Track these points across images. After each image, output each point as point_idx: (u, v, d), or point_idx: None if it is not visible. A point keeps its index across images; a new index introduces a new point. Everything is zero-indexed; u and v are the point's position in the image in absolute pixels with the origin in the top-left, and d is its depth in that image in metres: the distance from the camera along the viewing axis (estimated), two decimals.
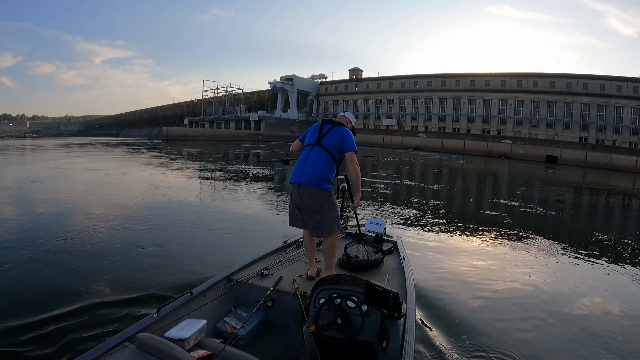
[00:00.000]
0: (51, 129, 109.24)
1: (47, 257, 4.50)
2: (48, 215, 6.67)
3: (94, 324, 3.00)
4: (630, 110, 47.06)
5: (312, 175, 2.71)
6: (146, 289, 3.65)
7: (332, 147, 2.77)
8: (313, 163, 2.75)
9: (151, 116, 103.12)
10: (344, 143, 2.78)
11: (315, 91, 72.95)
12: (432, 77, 60.21)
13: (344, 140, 2.78)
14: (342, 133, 2.80)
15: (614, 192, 18.34)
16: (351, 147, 2.78)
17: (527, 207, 10.50)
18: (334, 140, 2.79)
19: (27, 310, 3.18)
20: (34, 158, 20.94)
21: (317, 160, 2.75)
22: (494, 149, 50.81)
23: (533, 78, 52.54)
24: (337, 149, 2.79)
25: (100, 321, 3.05)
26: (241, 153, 30.66)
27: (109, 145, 34.66)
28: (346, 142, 2.78)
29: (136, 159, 20.73)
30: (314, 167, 2.73)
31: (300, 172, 2.77)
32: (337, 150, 2.79)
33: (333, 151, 2.78)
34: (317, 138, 2.84)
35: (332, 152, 2.77)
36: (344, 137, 2.79)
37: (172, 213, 7.27)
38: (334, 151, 2.78)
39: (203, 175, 14.62)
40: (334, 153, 2.78)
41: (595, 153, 45.22)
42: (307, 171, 2.74)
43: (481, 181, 18.18)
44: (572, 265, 5.32)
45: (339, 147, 2.79)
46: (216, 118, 72.33)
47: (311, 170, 2.73)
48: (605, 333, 3.28)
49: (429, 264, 4.79)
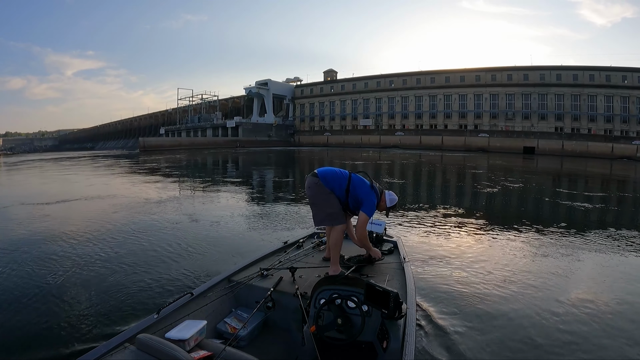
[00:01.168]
0: (25, 145, 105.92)
1: (48, 259, 4.65)
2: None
3: (94, 325, 3.07)
4: (603, 99, 47.00)
5: (324, 172, 2.99)
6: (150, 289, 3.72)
7: (353, 187, 2.95)
8: (334, 171, 3.02)
9: (126, 127, 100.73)
10: (364, 204, 2.93)
11: (290, 95, 71.91)
12: (407, 76, 59.69)
13: (365, 201, 2.93)
14: (367, 194, 2.94)
15: (602, 178, 18.45)
16: (366, 210, 2.92)
17: (520, 200, 10.40)
18: (358, 189, 2.95)
19: (27, 310, 3.32)
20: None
21: (340, 174, 2.99)
22: (471, 143, 50.60)
23: (507, 72, 52.40)
24: (356, 197, 2.95)
25: (101, 322, 3.11)
26: (228, 158, 30.95)
27: (93, 159, 32.73)
28: (366, 203, 2.93)
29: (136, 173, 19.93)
30: (330, 172, 3.00)
31: (322, 168, 3.04)
32: (354, 197, 2.95)
33: (352, 190, 2.94)
34: (354, 173, 3.05)
35: (351, 189, 2.94)
36: (366, 199, 2.93)
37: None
38: (352, 191, 2.94)
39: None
40: (352, 192, 2.95)
41: (571, 142, 45.13)
42: (325, 169, 3.03)
43: (471, 176, 17.55)
44: (581, 262, 4.98)
45: (357, 198, 2.95)
46: (192, 126, 70.72)
47: (326, 171, 3.00)
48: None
49: (429, 264, 4.69)
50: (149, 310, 3.02)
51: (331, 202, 2.91)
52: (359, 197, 2.93)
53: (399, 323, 2.04)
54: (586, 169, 24.32)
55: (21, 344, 2.80)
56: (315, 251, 3.51)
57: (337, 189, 2.93)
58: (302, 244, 3.67)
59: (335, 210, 2.91)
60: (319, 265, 3.14)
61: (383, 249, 3.45)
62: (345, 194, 2.93)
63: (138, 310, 3.34)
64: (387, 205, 3.08)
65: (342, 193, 2.93)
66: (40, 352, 2.69)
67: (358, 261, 3.07)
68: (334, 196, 2.93)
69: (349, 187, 2.93)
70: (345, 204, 2.96)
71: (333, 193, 2.92)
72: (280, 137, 65.12)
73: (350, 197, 2.94)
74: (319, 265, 3.14)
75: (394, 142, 55.08)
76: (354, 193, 2.94)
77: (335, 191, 2.92)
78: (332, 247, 2.92)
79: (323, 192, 2.90)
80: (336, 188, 2.93)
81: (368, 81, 63.21)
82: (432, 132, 55.42)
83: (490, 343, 2.93)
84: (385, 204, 3.08)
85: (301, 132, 67.74)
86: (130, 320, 3.03)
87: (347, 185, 2.93)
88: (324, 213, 2.93)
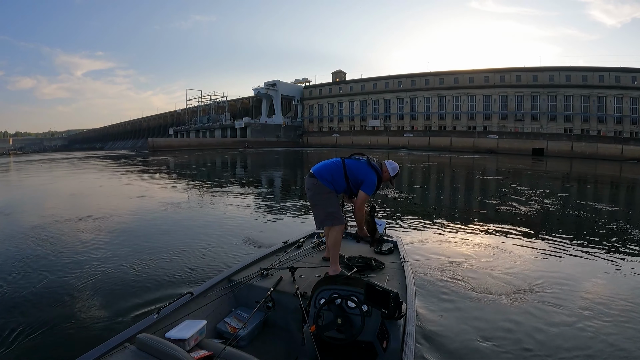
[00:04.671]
0: (35, 145, 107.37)
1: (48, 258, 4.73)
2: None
3: (94, 325, 3.05)
4: (613, 100, 47.01)
5: (318, 169, 2.98)
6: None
7: (351, 172, 2.96)
8: (327, 164, 3.01)
9: (135, 127, 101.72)
10: (364, 183, 2.94)
11: (299, 96, 72.21)
12: (416, 77, 59.87)
13: (364, 180, 2.94)
14: (366, 172, 2.96)
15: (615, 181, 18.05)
16: (366, 189, 2.94)
17: (524, 202, 10.06)
18: (356, 171, 2.96)
19: (27, 310, 3.27)
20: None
21: (333, 165, 2.99)
22: (480, 144, 50.74)
23: (516, 73, 52.46)
24: (355, 179, 2.96)
25: (101, 322, 3.09)
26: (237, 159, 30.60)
27: (106, 159, 33.08)
28: (366, 183, 2.94)
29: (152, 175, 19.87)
30: (324, 166, 2.99)
31: (316, 166, 3.03)
32: (354, 181, 2.96)
33: (350, 175, 2.95)
34: (348, 157, 3.07)
35: (348, 174, 2.95)
36: (366, 178, 2.94)
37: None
38: (350, 176, 2.95)
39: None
40: (350, 178, 2.95)
41: (581, 143, 45.19)
42: (318, 166, 3.01)
43: (473, 177, 17.69)
44: (582, 264, 4.96)
45: (357, 180, 2.96)
46: (201, 127, 71.35)
47: (320, 167, 3.00)
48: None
49: (429, 264, 4.66)
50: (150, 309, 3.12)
51: (331, 201, 2.93)
52: (359, 179, 2.94)
53: (398, 323, 2.04)
54: (596, 171, 23.95)
55: (21, 344, 2.76)
56: (315, 251, 3.52)
57: (336, 180, 2.94)
58: (302, 243, 3.67)
59: (335, 209, 2.94)
60: (318, 265, 3.14)
61: (383, 249, 3.49)
62: (345, 182, 2.94)
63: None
64: (391, 174, 3.10)
65: (343, 182, 2.95)
66: (40, 352, 2.66)
67: (359, 264, 3.05)
68: (334, 195, 2.95)
69: (346, 173, 2.93)
70: (349, 190, 3.00)
71: (333, 192, 2.93)
72: (288, 137, 65.55)
73: (351, 182, 2.94)
74: (319, 265, 3.14)
75: (402, 144, 55.36)
76: (353, 177, 2.94)
77: (335, 184, 2.93)
78: (331, 247, 2.94)
79: (323, 192, 2.91)
80: (335, 180, 2.93)
81: (377, 82, 63.44)
82: (441, 134, 55.60)
83: (491, 343, 2.92)
84: (388, 174, 3.09)
85: (310, 133, 68.15)
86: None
87: (344, 172, 2.94)
88: (324, 213, 2.93)
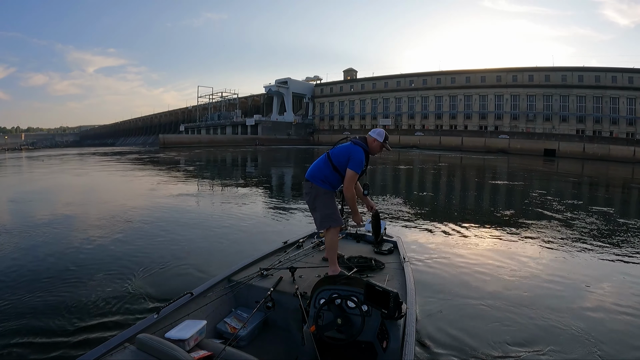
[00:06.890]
0: (46, 140, 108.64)
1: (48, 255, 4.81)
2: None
3: (94, 325, 3.03)
4: (626, 101, 46.97)
5: (310, 171, 3.04)
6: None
7: (337, 160, 2.96)
8: (316, 163, 3.06)
9: (146, 124, 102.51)
10: (350, 161, 2.90)
11: (310, 93, 72.60)
12: (428, 75, 60.04)
13: (350, 158, 2.90)
14: (350, 151, 2.94)
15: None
16: (352, 166, 2.89)
17: (531, 203, 10.14)
18: (341, 156, 2.95)
19: (27, 310, 3.24)
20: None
21: (321, 162, 3.02)
22: (491, 144, 50.96)
23: (528, 72, 52.49)
24: (343, 163, 2.93)
25: (101, 322, 3.08)
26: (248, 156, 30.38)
27: (120, 155, 33.38)
28: (351, 160, 2.90)
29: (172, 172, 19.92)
30: (315, 167, 3.05)
31: (308, 169, 3.09)
32: (342, 165, 2.93)
33: (337, 164, 2.95)
34: (331, 149, 3.07)
35: (335, 164, 2.95)
36: (351, 156, 2.91)
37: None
38: (338, 164, 2.95)
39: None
40: (339, 166, 2.95)
41: (593, 145, 45.33)
42: (310, 168, 3.08)
43: (482, 177, 17.90)
44: (580, 263, 5.05)
45: (344, 163, 2.92)
46: (212, 124, 72.08)
47: (312, 169, 3.06)
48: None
49: (429, 264, 4.73)
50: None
51: (328, 202, 2.96)
52: (346, 161, 2.91)
53: (398, 323, 2.05)
54: (608, 173, 23.44)
55: (21, 344, 2.76)
56: (315, 251, 3.53)
57: (328, 177, 2.96)
58: (302, 243, 3.67)
59: (332, 210, 2.96)
60: (318, 265, 3.15)
61: (383, 249, 3.50)
62: (337, 173, 2.95)
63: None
64: (380, 140, 3.01)
65: (334, 174, 2.96)
66: (40, 352, 2.65)
67: (358, 264, 3.06)
68: (331, 194, 2.99)
69: (333, 164, 2.94)
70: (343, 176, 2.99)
71: (330, 191, 2.98)
72: (299, 135, 66.10)
73: (341, 170, 2.93)
74: (319, 265, 3.15)
75: (413, 142, 55.64)
76: (340, 164, 2.92)
77: (329, 180, 2.96)
78: (328, 248, 2.96)
79: (319, 194, 2.96)
80: (327, 177, 2.96)
81: (388, 81, 63.69)
82: (452, 133, 55.90)
83: (491, 343, 2.92)
84: (377, 142, 3.01)
85: (320, 131, 68.62)
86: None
87: (331, 164, 2.95)
88: (321, 216, 2.96)
